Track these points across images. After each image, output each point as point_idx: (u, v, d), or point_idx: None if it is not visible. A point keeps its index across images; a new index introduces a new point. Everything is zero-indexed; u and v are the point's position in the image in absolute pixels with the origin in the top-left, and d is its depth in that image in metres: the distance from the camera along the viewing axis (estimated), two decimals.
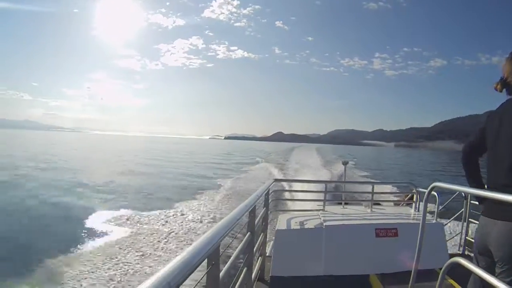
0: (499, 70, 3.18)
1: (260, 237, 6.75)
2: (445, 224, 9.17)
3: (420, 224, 3.77)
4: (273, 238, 7.49)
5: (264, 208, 7.04)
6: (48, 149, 77.24)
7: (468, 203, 8.65)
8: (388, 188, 17.27)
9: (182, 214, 17.56)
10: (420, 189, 8.81)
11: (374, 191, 9.46)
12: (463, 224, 8.73)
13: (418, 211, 8.78)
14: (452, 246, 9.41)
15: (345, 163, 11.77)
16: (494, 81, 3.17)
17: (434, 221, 7.92)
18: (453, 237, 9.86)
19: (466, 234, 8.64)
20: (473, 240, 7.85)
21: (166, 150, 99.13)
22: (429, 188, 3.58)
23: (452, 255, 7.14)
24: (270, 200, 7.76)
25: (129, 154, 75.03)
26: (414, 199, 9.25)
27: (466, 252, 8.49)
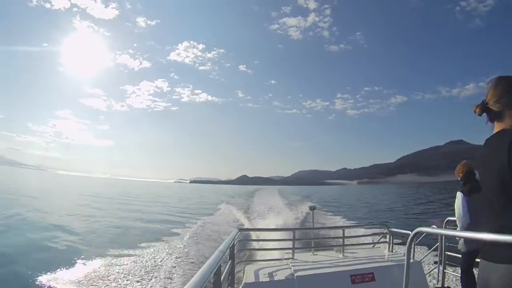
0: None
1: None
2: (421, 260, 8.85)
3: (405, 270, 3.65)
4: None
5: (230, 261, 6.41)
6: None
7: (443, 238, 8.77)
8: (359, 230, 16.57)
9: (136, 264, 16.04)
10: (393, 229, 8.59)
11: (345, 234, 8.76)
12: (440, 258, 8.86)
13: (392, 251, 8.45)
14: (430, 280, 9.28)
15: (312, 208, 10.98)
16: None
17: (411, 260, 7.24)
18: (431, 271, 9.95)
19: (444, 268, 8.78)
20: (450, 272, 9.08)
21: (130, 193, 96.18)
22: (412, 234, 3.53)
23: None
24: (235, 251, 7.02)
25: (96, 196, 72.44)
26: (387, 240, 8.80)
27: (446, 285, 8.72)
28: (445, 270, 8.74)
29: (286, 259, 8.13)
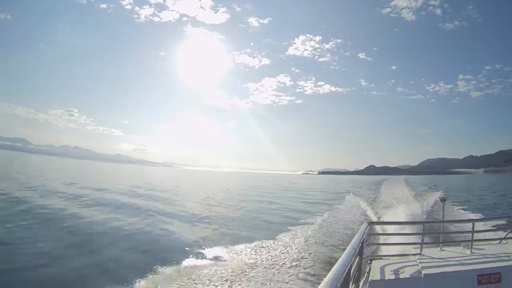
0: None
1: None
2: None
3: None
4: None
5: (358, 257, 5.94)
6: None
7: None
8: (486, 223, 15.27)
9: (269, 252, 16.28)
10: None
11: (473, 228, 7.89)
12: None
13: None
14: None
15: (443, 200, 10.37)
16: None
17: None
18: None
19: None
20: None
21: (260, 185, 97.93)
22: None
23: None
24: (364, 246, 6.71)
25: (232, 188, 75.79)
26: None
27: None
28: None
29: (413, 254, 7.61)
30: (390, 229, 13.84)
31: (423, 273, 6.20)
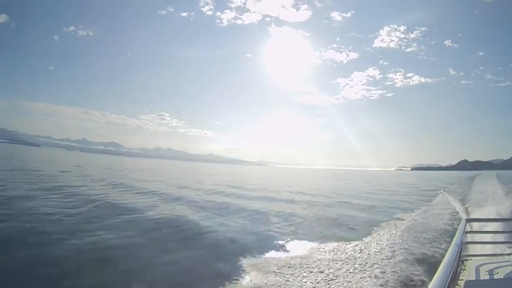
0: None
1: None
2: None
3: None
4: None
5: (457, 255, 5.49)
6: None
7: None
8: None
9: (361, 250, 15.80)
10: None
11: None
12: None
13: None
14: None
15: None
16: None
17: None
18: None
19: None
20: None
21: (351, 182, 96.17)
22: None
23: None
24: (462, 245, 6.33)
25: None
26: None
27: None
28: None
29: (508, 254, 7.22)
30: (484, 227, 13.10)
31: None
